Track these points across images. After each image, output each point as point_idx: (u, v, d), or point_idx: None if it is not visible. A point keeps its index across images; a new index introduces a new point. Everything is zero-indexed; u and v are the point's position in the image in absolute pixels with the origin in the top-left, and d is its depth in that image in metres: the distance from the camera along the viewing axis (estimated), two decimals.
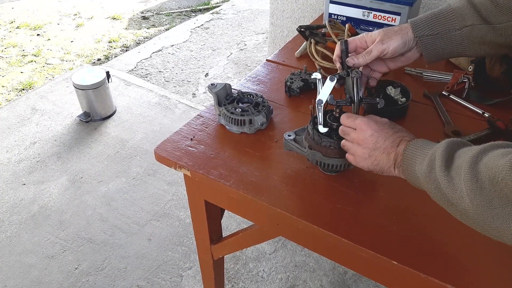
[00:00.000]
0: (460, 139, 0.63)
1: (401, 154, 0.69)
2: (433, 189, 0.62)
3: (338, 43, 0.84)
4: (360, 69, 0.86)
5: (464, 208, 0.56)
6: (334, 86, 0.80)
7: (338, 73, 0.82)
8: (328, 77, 0.80)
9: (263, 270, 1.67)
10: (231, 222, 1.86)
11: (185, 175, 0.93)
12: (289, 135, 0.86)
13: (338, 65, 0.86)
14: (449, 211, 0.62)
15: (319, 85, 0.82)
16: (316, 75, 0.82)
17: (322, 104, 0.79)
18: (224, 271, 1.45)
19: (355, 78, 0.78)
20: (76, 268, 1.67)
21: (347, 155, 0.78)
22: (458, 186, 0.56)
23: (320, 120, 0.80)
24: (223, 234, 1.17)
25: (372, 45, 0.82)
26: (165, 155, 0.92)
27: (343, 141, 0.78)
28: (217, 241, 1.13)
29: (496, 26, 0.77)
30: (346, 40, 0.83)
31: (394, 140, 0.71)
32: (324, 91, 0.80)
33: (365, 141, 0.73)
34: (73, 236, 1.80)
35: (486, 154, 0.55)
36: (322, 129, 0.80)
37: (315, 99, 0.80)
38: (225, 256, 1.29)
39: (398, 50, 0.82)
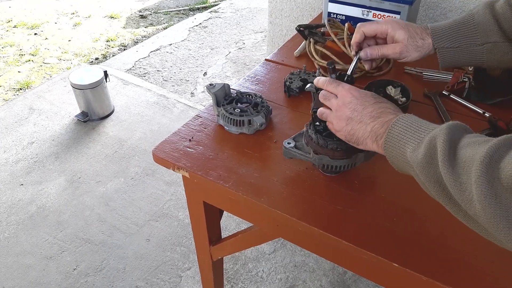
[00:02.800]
0: (461, 123, 0.57)
1: (381, 128, 0.64)
2: (433, 183, 0.55)
3: (358, 30, 0.84)
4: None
5: (473, 213, 0.50)
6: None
7: (338, 74, 0.81)
8: (317, 92, 0.80)
9: (263, 270, 1.66)
10: (230, 223, 1.85)
11: (183, 177, 0.92)
12: (289, 143, 0.85)
13: (353, 52, 0.86)
14: (449, 209, 0.56)
15: (313, 96, 0.81)
16: (310, 89, 0.81)
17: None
18: (223, 271, 1.45)
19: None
20: (74, 269, 1.66)
21: (327, 123, 0.76)
22: (466, 186, 0.49)
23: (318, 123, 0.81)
24: (222, 235, 1.17)
25: (390, 52, 0.83)
26: (163, 156, 0.91)
27: (321, 108, 0.75)
28: (216, 242, 1.12)
29: None
30: (334, 65, 0.80)
31: (374, 110, 0.67)
32: (318, 101, 0.80)
33: (344, 107, 0.70)
34: (71, 236, 1.79)
35: (506, 153, 0.47)
36: (317, 124, 0.81)
37: (311, 107, 0.81)
38: (224, 257, 1.28)
39: (410, 62, 0.84)
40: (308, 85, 0.81)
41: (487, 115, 1.00)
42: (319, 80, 0.76)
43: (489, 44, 0.78)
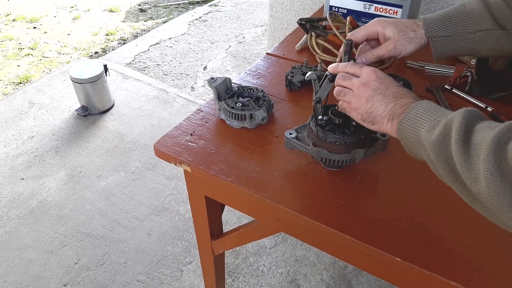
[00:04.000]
0: (477, 110, 0.58)
1: (401, 108, 0.65)
2: (442, 163, 0.57)
3: (350, 37, 0.83)
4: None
5: (477, 191, 0.52)
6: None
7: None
8: (328, 78, 0.79)
9: (264, 264, 1.67)
10: (231, 217, 1.85)
11: (185, 171, 0.92)
12: (290, 133, 0.85)
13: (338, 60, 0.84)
14: (455, 188, 0.58)
15: (314, 84, 0.81)
16: (312, 76, 0.80)
17: (321, 103, 0.79)
18: (225, 265, 1.45)
19: None
20: (75, 263, 1.67)
21: (340, 103, 0.76)
22: (475, 166, 0.51)
23: (320, 117, 0.80)
24: (223, 229, 1.17)
25: (384, 51, 0.81)
26: (165, 151, 0.91)
27: (338, 88, 0.75)
28: (217, 236, 1.12)
29: (511, 32, 0.76)
30: (351, 41, 0.80)
31: (397, 92, 0.68)
32: (322, 90, 0.79)
33: (366, 85, 0.70)
34: (72, 231, 1.80)
35: None
36: (320, 118, 0.80)
37: (313, 97, 0.80)
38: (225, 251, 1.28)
39: (407, 55, 0.82)
40: (308, 73, 0.80)
41: (490, 110, 0.99)
42: (339, 65, 0.76)
43: (481, 32, 0.78)
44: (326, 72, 0.80)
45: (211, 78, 0.99)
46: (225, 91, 1.01)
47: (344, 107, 0.75)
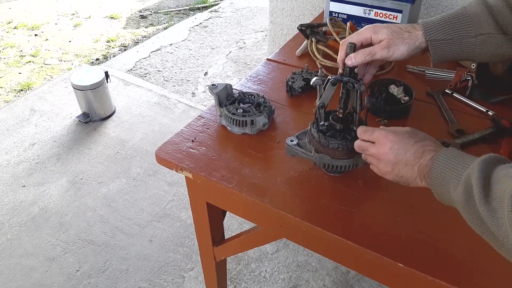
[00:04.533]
0: (494, 154, 0.57)
1: (426, 166, 0.64)
2: (475, 220, 0.55)
3: (342, 46, 0.81)
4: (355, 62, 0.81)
5: (510, 248, 0.51)
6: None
7: (339, 77, 0.79)
8: (330, 82, 0.78)
9: (266, 270, 1.66)
10: (232, 223, 1.85)
11: (186, 177, 0.92)
12: (291, 140, 0.85)
13: (340, 70, 0.81)
14: (492, 244, 0.56)
15: (319, 90, 0.80)
16: (317, 81, 0.79)
17: (324, 108, 0.79)
18: (227, 271, 1.44)
19: (359, 91, 0.77)
20: (77, 270, 1.66)
21: (371, 167, 0.75)
22: (502, 221, 0.50)
23: (322, 122, 0.80)
24: (225, 235, 1.16)
25: (377, 48, 0.78)
26: (166, 157, 0.91)
27: (361, 145, 0.75)
28: (219, 243, 1.12)
29: None
30: (354, 45, 0.79)
31: (416, 151, 0.66)
32: (326, 95, 0.79)
33: (385, 154, 0.69)
34: (74, 238, 1.79)
35: None
36: (322, 124, 0.80)
37: (316, 103, 0.80)
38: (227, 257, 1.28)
39: (401, 57, 0.79)
40: (314, 79, 0.79)
41: (491, 114, 0.99)
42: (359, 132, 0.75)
43: (482, 36, 0.76)
44: (329, 76, 0.79)
45: (212, 85, 1.00)
46: (226, 97, 1.01)
47: (375, 171, 0.74)
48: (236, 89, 1.08)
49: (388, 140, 0.69)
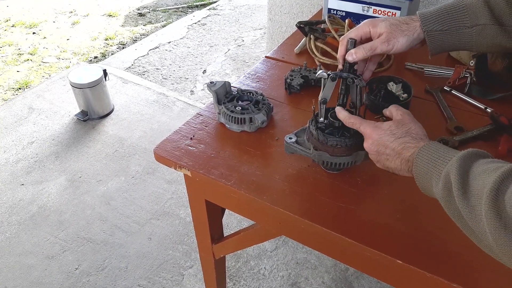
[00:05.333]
0: (474, 149, 0.57)
1: (408, 161, 0.66)
2: (456, 215, 0.56)
3: (342, 42, 0.81)
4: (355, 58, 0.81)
5: (488, 244, 0.50)
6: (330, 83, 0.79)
7: (339, 73, 0.80)
8: (330, 77, 0.78)
9: (265, 267, 1.66)
10: (231, 220, 1.85)
11: (185, 175, 0.92)
12: (290, 138, 0.84)
13: (340, 66, 0.82)
14: (473, 240, 0.55)
15: (324, 83, 0.80)
16: (323, 74, 0.79)
17: (326, 103, 0.79)
18: (226, 269, 1.45)
19: (358, 87, 0.77)
20: (76, 268, 1.66)
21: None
22: (479, 218, 0.49)
23: (323, 119, 0.80)
24: (224, 233, 1.16)
25: (377, 42, 0.79)
26: (165, 155, 0.91)
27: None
28: (218, 240, 1.12)
29: (508, 28, 0.75)
30: (355, 40, 0.79)
31: (395, 148, 0.68)
32: (326, 91, 0.79)
33: (368, 149, 0.73)
34: (73, 236, 1.79)
35: (511, 184, 0.47)
36: (320, 121, 0.80)
37: (318, 98, 0.79)
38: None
39: (402, 49, 0.80)
40: (319, 71, 0.79)
41: (489, 111, 0.99)
42: (339, 113, 0.78)
43: (478, 27, 0.76)
44: (328, 72, 0.79)
45: (211, 82, 0.99)
46: (224, 94, 1.01)
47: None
48: (234, 87, 1.08)
49: (370, 137, 0.72)
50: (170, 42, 3.46)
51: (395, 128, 0.70)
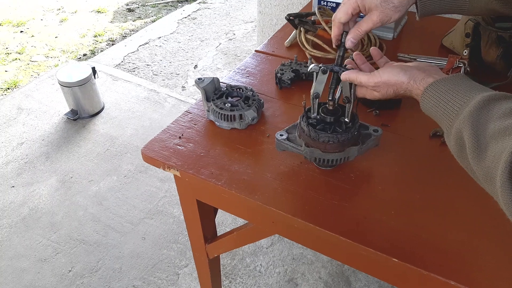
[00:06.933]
0: (488, 95, 0.54)
1: (417, 89, 0.67)
2: (468, 169, 0.55)
3: (334, 22, 0.78)
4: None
5: (496, 197, 0.49)
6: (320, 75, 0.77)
7: (331, 66, 0.77)
8: (321, 70, 0.76)
9: (261, 264, 1.65)
10: (226, 218, 1.83)
11: (175, 175, 0.89)
12: (281, 135, 0.82)
13: (335, 45, 0.81)
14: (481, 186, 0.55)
15: (316, 77, 0.77)
16: (315, 68, 0.76)
17: (319, 98, 0.76)
18: (221, 267, 1.43)
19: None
20: (69, 271, 1.64)
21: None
22: (494, 181, 0.48)
23: (315, 113, 0.78)
24: (218, 231, 1.14)
25: (369, 22, 0.75)
26: (153, 155, 0.88)
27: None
28: (211, 240, 1.10)
29: None
30: (346, 32, 0.78)
31: (394, 93, 0.71)
32: (318, 84, 0.76)
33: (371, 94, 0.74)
34: (65, 238, 1.76)
35: None
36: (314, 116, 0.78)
37: (310, 92, 0.77)
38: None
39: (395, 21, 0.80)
40: (311, 66, 0.77)
41: None
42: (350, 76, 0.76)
43: None
44: (320, 64, 0.77)
45: (198, 79, 0.97)
46: (213, 91, 0.98)
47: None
48: (224, 83, 1.05)
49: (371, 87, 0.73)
50: (160, 37, 3.41)
51: (396, 77, 0.71)
